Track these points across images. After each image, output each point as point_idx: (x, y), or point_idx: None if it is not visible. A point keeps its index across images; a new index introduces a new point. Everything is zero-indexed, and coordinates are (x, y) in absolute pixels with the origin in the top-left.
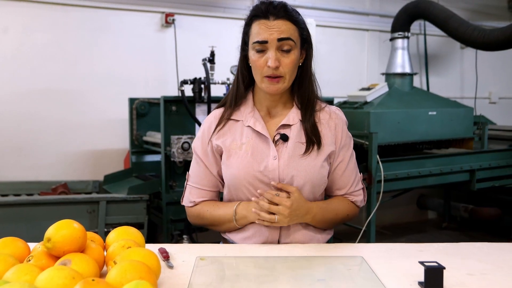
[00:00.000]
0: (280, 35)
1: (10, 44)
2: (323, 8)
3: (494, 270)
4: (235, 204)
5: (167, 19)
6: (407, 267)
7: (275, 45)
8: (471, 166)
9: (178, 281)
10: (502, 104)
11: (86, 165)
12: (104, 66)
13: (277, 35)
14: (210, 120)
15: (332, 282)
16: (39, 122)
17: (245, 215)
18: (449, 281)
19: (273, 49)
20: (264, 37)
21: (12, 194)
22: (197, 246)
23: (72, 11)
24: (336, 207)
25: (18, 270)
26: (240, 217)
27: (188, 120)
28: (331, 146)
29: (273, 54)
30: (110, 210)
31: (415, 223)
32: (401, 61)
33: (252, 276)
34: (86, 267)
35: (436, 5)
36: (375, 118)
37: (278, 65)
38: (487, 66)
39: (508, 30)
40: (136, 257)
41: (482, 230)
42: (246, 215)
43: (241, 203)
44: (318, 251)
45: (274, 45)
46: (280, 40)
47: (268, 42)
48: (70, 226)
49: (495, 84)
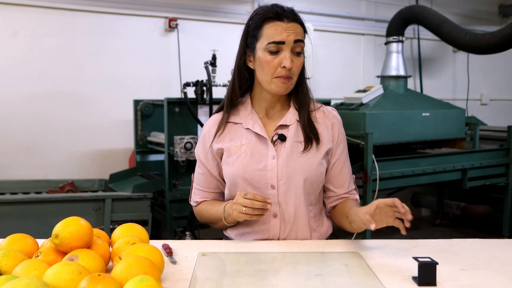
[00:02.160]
0: (296, 36)
1: (19, 48)
2: (320, 13)
3: (485, 265)
4: (225, 203)
5: (171, 23)
6: (402, 262)
7: (291, 46)
8: (463, 165)
9: (181, 276)
10: (493, 106)
11: (92, 164)
12: (110, 69)
13: (294, 36)
14: (210, 125)
15: (329, 277)
16: (48, 123)
17: (230, 214)
18: (442, 276)
19: (288, 50)
20: (282, 38)
21: (22, 192)
22: (199, 242)
23: (79, 16)
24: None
25: (27, 265)
26: (227, 215)
27: (190, 121)
28: (328, 144)
29: (288, 55)
30: (116, 207)
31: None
32: (395, 64)
33: (252, 271)
34: (93, 262)
35: (429, 10)
36: (371, 119)
37: (292, 66)
38: (479, 69)
39: (498, 34)
40: (140, 253)
41: (474, 226)
42: (231, 214)
43: (228, 202)
44: (315, 247)
45: (289, 47)
46: (296, 41)
47: (285, 43)
48: (77, 223)
49: (486, 87)
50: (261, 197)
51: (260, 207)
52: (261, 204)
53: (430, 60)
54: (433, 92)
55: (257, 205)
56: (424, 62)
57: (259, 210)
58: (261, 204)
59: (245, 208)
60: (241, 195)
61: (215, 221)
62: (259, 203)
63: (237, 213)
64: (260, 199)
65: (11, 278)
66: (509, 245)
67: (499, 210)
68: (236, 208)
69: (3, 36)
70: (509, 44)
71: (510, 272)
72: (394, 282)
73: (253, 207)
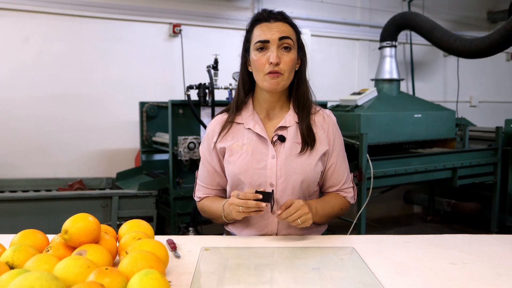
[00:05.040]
0: (281, 34)
1: (31, 52)
2: (317, 19)
3: (475, 259)
4: (225, 201)
5: (175, 29)
6: (395, 256)
7: (276, 43)
8: (453, 164)
9: (184, 270)
10: (482, 107)
11: (100, 163)
12: (117, 73)
13: (278, 34)
14: (214, 125)
15: (325, 270)
16: (58, 124)
17: (229, 213)
18: (433, 270)
19: (274, 47)
20: (266, 36)
21: (33, 190)
22: (202, 238)
23: (88, 22)
24: (331, 202)
25: (38, 260)
26: (227, 214)
27: (193, 122)
28: (325, 146)
29: (274, 51)
30: (122, 204)
31: (402, 216)
32: (389, 68)
33: (252, 265)
34: (100, 257)
35: (421, 16)
36: (365, 120)
37: (279, 62)
38: (468, 73)
39: (487, 39)
40: (146, 247)
41: (464, 223)
42: (229, 213)
43: (226, 201)
44: (312, 242)
45: (275, 44)
46: (280, 39)
47: (270, 41)
48: (85, 219)
49: (475, 89)
50: (252, 195)
51: (253, 205)
52: (254, 203)
53: (422, 64)
54: (425, 94)
55: (250, 204)
56: (416, 66)
57: (254, 207)
58: (254, 203)
59: (241, 207)
60: (234, 196)
61: (215, 217)
62: (252, 202)
63: (235, 212)
64: (251, 196)
65: (22, 272)
66: (497, 240)
67: (487, 207)
68: (233, 209)
69: (16, 41)
70: (497, 49)
71: (498, 266)
72: (387, 275)
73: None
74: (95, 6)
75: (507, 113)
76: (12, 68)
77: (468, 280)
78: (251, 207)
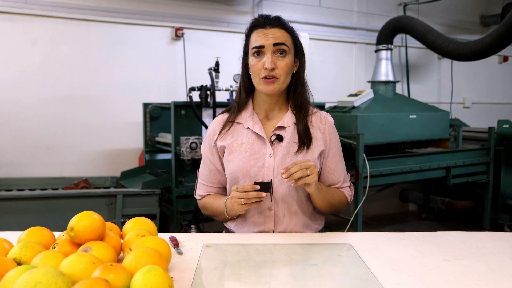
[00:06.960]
0: (276, 40)
1: (38, 55)
2: (315, 23)
3: (468, 256)
4: (227, 197)
5: (177, 33)
6: (390, 253)
7: (271, 49)
8: (447, 163)
9: (186, 266)
10: (475, 109)
11: (105, 163)
12: (121, 75)
13: (273, 40)
14: (215, 124)
15: (323, 266)
16: (64, 124)
17: (232, 208)
18: (428, 266)
19: (269, 53)
20: (262, 42)
21: (39, 189)
22: (203, 235)
23: (93, 26)
24: (332, 189)
25: (44, 256)
26: (229, 209)
27: (195, 123)
28: (321, 146)
29: (269, 57)
30: (126, 202)
31: (397, 214)
32: (385, 70)
33: (252, 262)
34: (105, 253)
35: (416, 20)
36: (362, 121)
37: (274, 67)
38: (462, 75)
39: (480, 42)
40: (149, 244)
41: (457, 220)
42: (232, 208)
43: (228, 198)
44: (310, 239)
45: (270, 50)
46: (275, 45)
47: (265, 47)
48: (90, 217)
49: (468, 91)
50: (250, 186)
51: (254, 196)
52: (255, 194)
53: (416, 67)
54: (420, 96)
55: (251, 195)
56: (411, 68)
57: (255, 198)
58: (254, 194)
59: (242, 200)
60: (234, 190)
61: (217, 214)
62: (253, 193)
63: (237, 205)
64: (249, 188)
65: (29, 268)
66: (489, 237)
67: (480, 205)
68: (235, 202)
69: (24, 44)
70: (489, 52)
71: (491, 262)
72: (383, 271)
73: (248, 197)
74: (100, 11)
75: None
76: (20, 70)
77: (462, 276)
78: (252, 198)
